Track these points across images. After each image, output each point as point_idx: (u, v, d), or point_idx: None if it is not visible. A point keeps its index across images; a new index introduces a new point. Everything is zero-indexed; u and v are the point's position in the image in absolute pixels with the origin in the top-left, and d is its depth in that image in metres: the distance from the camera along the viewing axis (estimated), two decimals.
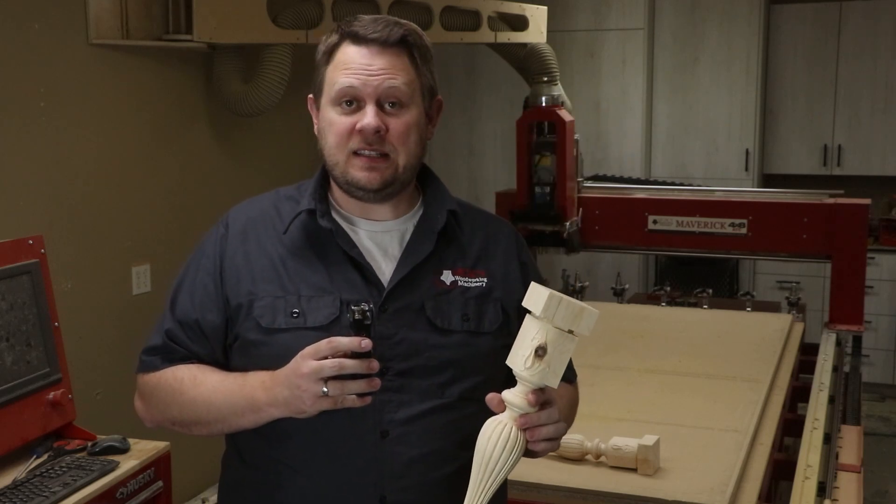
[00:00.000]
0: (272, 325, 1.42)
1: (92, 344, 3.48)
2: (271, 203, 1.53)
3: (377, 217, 1.49)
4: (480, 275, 1.49)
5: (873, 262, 5.59)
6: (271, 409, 1.36)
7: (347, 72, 1.42)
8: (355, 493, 1.40)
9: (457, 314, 1.45)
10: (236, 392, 1.40)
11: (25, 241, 2.36)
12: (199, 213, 3.98)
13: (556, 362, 1.25)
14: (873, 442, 4.92)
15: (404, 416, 1.39)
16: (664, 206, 4.24)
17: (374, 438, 1.39)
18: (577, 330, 1.25)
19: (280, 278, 1.45)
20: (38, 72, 3.26)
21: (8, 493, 2.06)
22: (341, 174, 1.44)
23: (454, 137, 6.42)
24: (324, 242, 1.46)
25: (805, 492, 2.22)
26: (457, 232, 1.50)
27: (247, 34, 3.80)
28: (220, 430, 1.46)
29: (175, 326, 1.49)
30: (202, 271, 1.50)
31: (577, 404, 1.63)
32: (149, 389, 1.51)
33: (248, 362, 1.43)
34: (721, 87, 5.97)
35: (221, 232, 1.52)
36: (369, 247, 1.47)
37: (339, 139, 1.43)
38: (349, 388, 1.29)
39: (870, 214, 4.09)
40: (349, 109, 1.42)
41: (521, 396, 1.28)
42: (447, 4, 4.71)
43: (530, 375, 1.25)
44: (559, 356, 1.25)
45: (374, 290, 1.43)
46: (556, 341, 1.24)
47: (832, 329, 3.83)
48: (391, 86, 1.42)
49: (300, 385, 1.30)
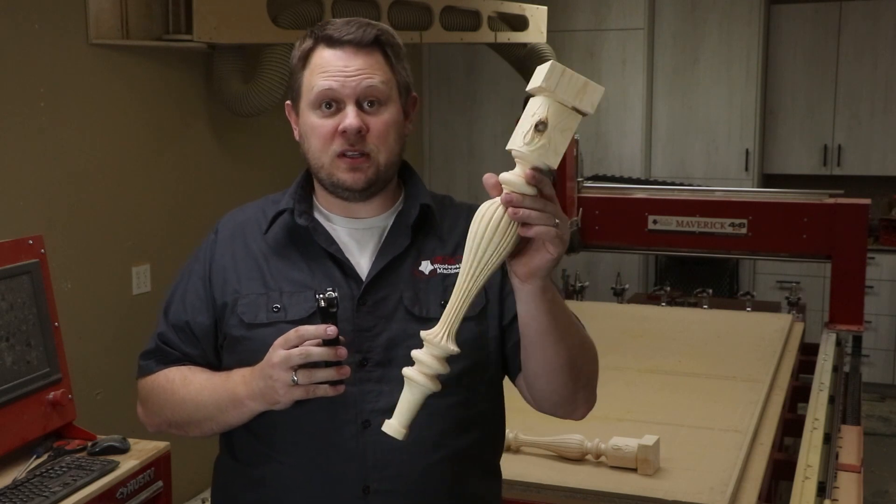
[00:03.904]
0: (254, 320, 1.46)
1: (92, 344, 3.48)
2: (259, 208, 1.57)
3: (359, 215, 1.51)
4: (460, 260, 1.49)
5: (873, 262, 5.59)
6: (250, 402, 1.39)
7: (325, 75, 1.43)
8: (339, 483, 1.42)
9: (435, 301, 1.46)
10: (221, 388, 1.44)
11: (25, 241, 2.36)
12: (199, 213, 3.98)
13: (557, 139, 1.16)
14: (873, 442, 4.92)
15: (385, 405, 1.39)
16: (664, 206, 4.23)
17: (356, 429, 1.41)
18: (580, 106, 1.17)
19: (263, 276, 1.49)
20: (38, 72, 3.26)
21: (8, 493, 2.06)
22: (327, 176, 1.46)
23: (454, 137, 6.42)
24: (304, 240, 1.49)
25: (805, 492, 2.22)
26: (434, 223, 1.52)
27: (247, 34, 3.81)
28: (210, 429, 1.49)
29: (168, 330, 1.54)
30: (194, 275, 1.54)
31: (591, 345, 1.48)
32: (145, 393, 1.56)
33: (235, 359, 1.47)
34: (721, 87, 5.97)
35: (212, 238, 1.57)
36: (348, 243, 1.50)
37: (321, 142, 1.45)
38: (318, 375, 1.31)
39: (870, 214, 4.08)
40: (329, 112, 1.44)
41: (517, 174, 1.19)
42: (447, 4, 4.72)
43: (529, 151, 1.16)
44: (560, 133, 1.16)
45: (353, 283, 1.45)
46: (557, 115, 1.16)
47: (832, 329, 3.83)
48: (369, 85, 1.43)
49: (272, 375, 1.33)
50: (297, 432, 1.43)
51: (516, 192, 1.18)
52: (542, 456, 2.31)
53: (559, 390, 1.41)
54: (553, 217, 1.19)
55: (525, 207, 1.17)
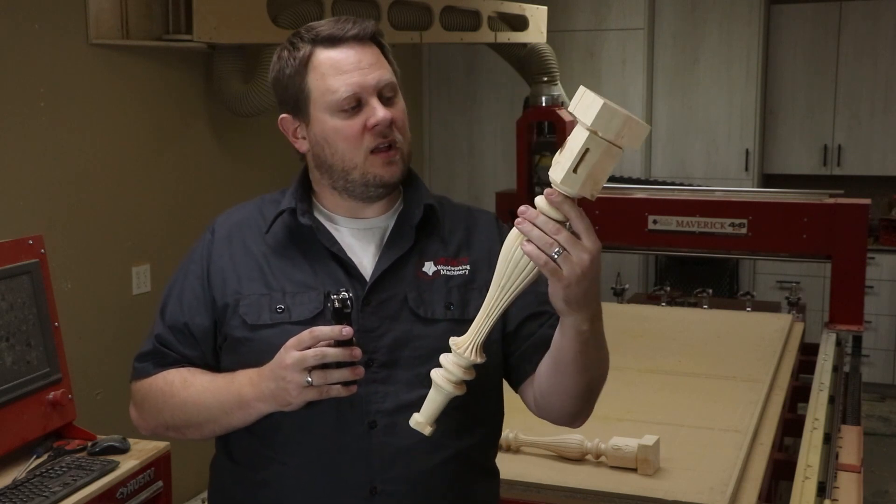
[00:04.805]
0: (257, 321, 1.44)
1: (92, 344, 3.48)
2: (255, 207, 1.55)
3: (364, 215, 1.50)
4: (463, 262, 1.50)
5: (873, 262, 5.59)
6: (259, 403, 1.37)
7: (343, 75, 1.42)
8: (345, 484, 1.41)
9: (440, 303, 1.45)
10: (224, 390, 1.41)
11: (25, 241, 2.36)
12: (199, 213, 3.98)
13: (598, 174, 1.19)
14: (873, 442, 4.92)
15: (391, 406, 1.40)
16: (664, 206, 4.23)
17: (362, 430, 1.40)
18: (624, 144, 1.19)
19: (265, 276, 1.46)
20: (38, 72, 3.26)
21: (8, 493, 2.06)
22: (361, 176, 1.44)
23: (454, 137, 6.42)
24: (306, 240, 1.48)
25: (805, 492, 2.22)
26: (437, 224, 1.51)
27: (247, 34, 3.81)
28: (211, 431, 1.47)
29: (165, 331, 1.51)
30: (191, 276, 1.52)
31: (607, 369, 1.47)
32: (141, 396, 1.52)
33: (236, 360, 1.45)
34: (721, 87, 5.97)
35: (208, 238, 1.54)
36: (351, 243, 1.48)
37: (351, 143, 1.42)
38: (333, 376, 1.30)
39: (870, 214, 4.08)
40: (353, 112, 1.42)
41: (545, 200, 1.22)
42: (447, 4, 4.72)
43: (571, 186, 1.19)
44: (602, 169, 1.19)
45: (356, 284, 1.44)
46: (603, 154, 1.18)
47: (832, 329, 3.82)
48: (384, 77, 1.44)
49: (284, 376, 1.31)
50: (303, 433, 1.42)
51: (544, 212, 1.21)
52: (542, 456, 2.31)
53: (569, 409, 1.44)
54: (553, 245, 1.19)
55: (532, 224, 1.19)
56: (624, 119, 1.17)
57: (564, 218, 1.21)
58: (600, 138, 1.17)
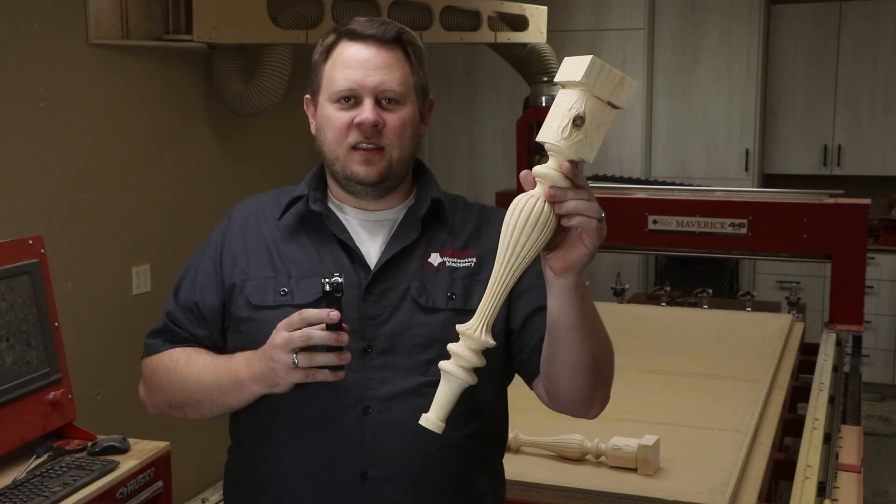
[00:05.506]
0: (261, 302, 1.48)
1: (92, 344, 3.48)
2: (273, 197, 1.60)
3: (371, 209, 1.53)
4: (470, 255, 1.52)
5: (873, 262, 5.59)
6: (251, 384, 1.41)
7: (346, 69, 1.47)
8: (337, 468, 1.43)
9: (442, 293, 1.47)
10: (222, 369, 1.45)
11: (25, 241, 2.36)
12: (199, 213, 3.98)
13: (593, 134, 1.16)
14: (873, 442, 4.92)
15: (386, 393, 1.42)
16: (664, 206, 4.23)
17: (356, 414, 1.42)
18: (616, 101, 1.16)
19: (272, 260, 1.51)
20: (38, 72, 3.26)
21: (8, 493, 2.06)
22: (341, 168, 1.49)
23: (454, 137, 6.42)
24: (316, 227, 1.52)
25: (805, 492, 2.22)
26: (445, 217, 1.54)
27: (247, 34, 3.81)
28: (210, 411, 1.50)
29: (177, 309, 1.56)
30: (205, 258, 1.57)
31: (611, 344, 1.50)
32: (149, 372, 1.57)
33: (240, 340, 1.49)
34: (721, 87, 5.97)
35: (225, 223, 1.60)
36: (360, 232, 1.52)
37: (337, 134, 1.47)
38: (318, 360, 1.33)
39: (870, 214, 4.08)
40: (347, 105, 1.47)
41: (553, 168, 1.19)
42: (447, 4, 4.72)
43: (567, 146, 1.16)
44: (596, 128, 1.16)
45: (361, 272, 1.47)
46: (594, 110, 1.15)
47: (832, 329, 3.82)
48: (388, 82, 1.46)
49: (273, 356, 1.35)
50: (298, 416, 1.44)
51: (553, 185, 1.18)
52: (542, 456, 2.31)
53: (579, 388, 1.42)
54: (598, 209, 1.20)
55: (568, 200, 1.19)
56: (613, 72, 1.15)
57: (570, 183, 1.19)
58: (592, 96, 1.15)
